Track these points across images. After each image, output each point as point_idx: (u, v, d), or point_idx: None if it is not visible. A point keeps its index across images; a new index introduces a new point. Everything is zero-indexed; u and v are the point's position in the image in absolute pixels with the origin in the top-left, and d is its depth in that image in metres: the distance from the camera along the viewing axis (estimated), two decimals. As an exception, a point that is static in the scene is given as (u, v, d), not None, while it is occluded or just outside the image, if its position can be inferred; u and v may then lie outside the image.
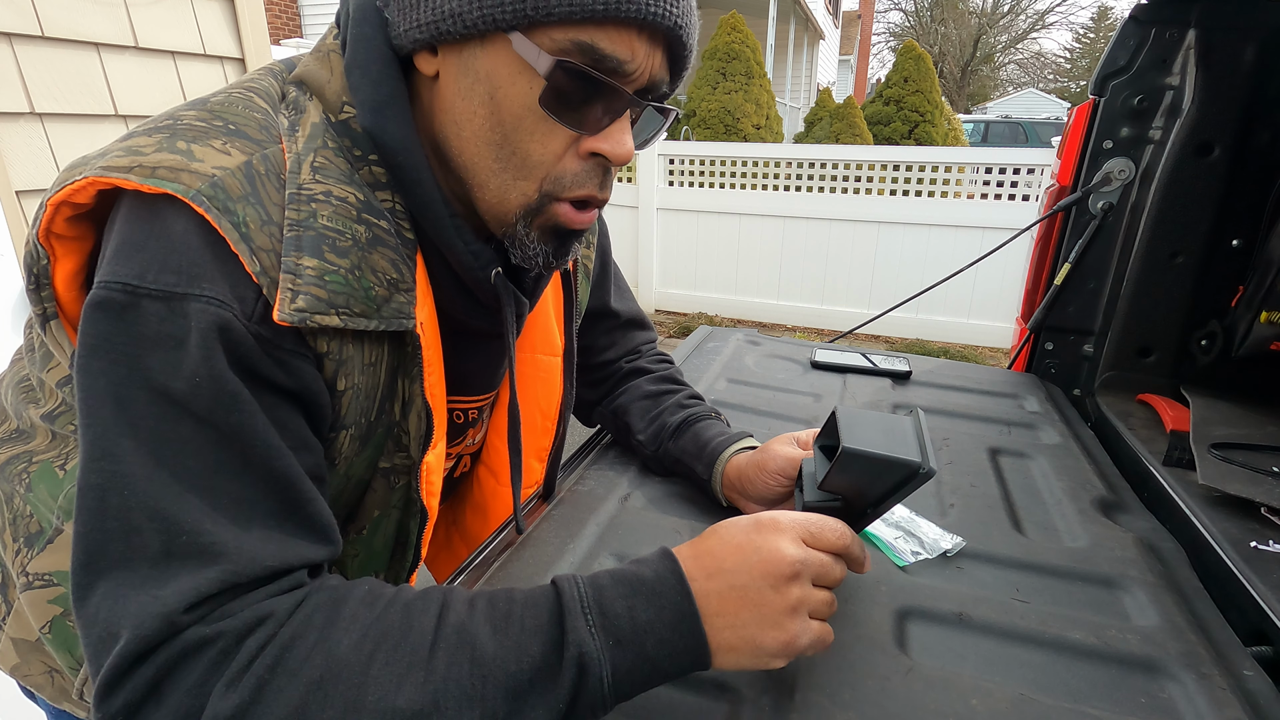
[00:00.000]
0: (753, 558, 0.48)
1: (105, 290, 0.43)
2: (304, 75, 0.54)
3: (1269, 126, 1.12)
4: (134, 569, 0.42)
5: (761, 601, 0.47)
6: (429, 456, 0.60)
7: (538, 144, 0.52)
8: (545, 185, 0.53)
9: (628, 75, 0.50)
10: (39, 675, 0.68)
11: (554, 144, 0.52)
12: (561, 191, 0.54)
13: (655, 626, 0.46)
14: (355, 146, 0.52)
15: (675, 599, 0.47)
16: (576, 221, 0.56)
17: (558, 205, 0.54)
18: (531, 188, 0.53)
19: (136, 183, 0.44)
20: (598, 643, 0.44)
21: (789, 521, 0.51)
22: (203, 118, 0.49)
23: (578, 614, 0.45)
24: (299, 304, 0.46)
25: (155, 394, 0.43)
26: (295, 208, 0.48)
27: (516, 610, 0.46)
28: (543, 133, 0.51)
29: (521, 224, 0.55)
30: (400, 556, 0.68)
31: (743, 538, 0.50)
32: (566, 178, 0.53)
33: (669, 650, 0.46)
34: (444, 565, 1.00)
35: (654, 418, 0.88)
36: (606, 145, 0.52)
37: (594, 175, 0.54)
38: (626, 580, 0.48)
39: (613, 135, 0.52)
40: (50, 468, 0.62)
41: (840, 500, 0.59)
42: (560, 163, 0.53)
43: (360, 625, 0.44)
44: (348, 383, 0.53)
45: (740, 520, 0.51)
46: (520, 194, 0.54)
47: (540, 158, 0.52)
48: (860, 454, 0.54)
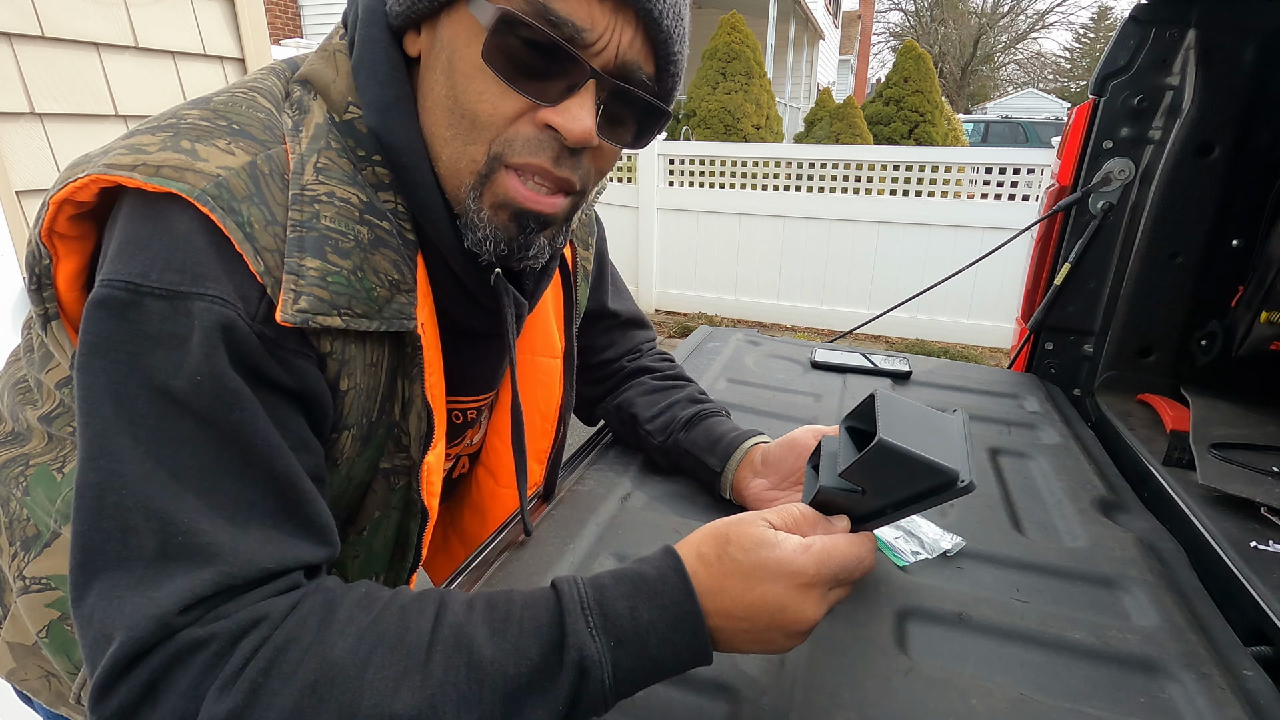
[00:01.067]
0: (776, 615, 0.46)
1: (108, 288, 0.43)
2: (309, 75, 0.54)
3: (1269, 126, 1.12)
4: (130, 569, 0.41)
5: (771, 643, 0.48)
6: (429, 457, 0.60)
7: (486, 104, 0.50)
8: (494, 147, 0.51)
9: (587, 45, 0.48)
10: (36, 680, 0.68)
11: (504, 106, 0.50)
12: (510, 155, 0.51)
13: (657, 626, 0.45)
14: (359, 147, 0.52)
15: (677, 597, 0.46)
16: (527, 199, 0.52)
17: (506, 175, 0.52)
18: (479, 151, 0.51)
19: (140, 181, 0.44)
20: (598, 644, 0.44)
21: (818, 572, 0.47)
22: (206, 117, 0.49)
23: (578, 615, 0.45)
24: (301, 305, 0.46)
25: (156, 392, 0.43)
26: (299, 208, 0.48)
27: (515, 612, 0.46)
28: (493, 94, 0.49)
29: (471, 196, 0.53)
30: (400, 557, 0.68)
31: (767, 589, 0.46)
32: (517, 141, 0.51)
33: (671, 649, 0.45)
34: (441, 566, 1.00)
35: (663, 409, 0.88)
36: (559, 118, 0.49)
37: (547, 147, 0.51)
38: (628, 579, 0.47)
39: (569, 109, 0.49)
40: (47, 470, 0.62)
41: (860, 493, 0.52)
42: (511, 126, 0.50)
43: (356, 628, 0.44)
44: (350, 383, 0.53)
45: (767, 561, 0.46)
46: (469, 159, 0.52)
47: (489, 118, 0.50)
48: (898, 451, 0.47)
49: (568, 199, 0.55)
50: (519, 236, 0.55)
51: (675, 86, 0.55)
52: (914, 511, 0.52)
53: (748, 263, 4.69)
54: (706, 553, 0.48)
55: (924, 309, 4.09)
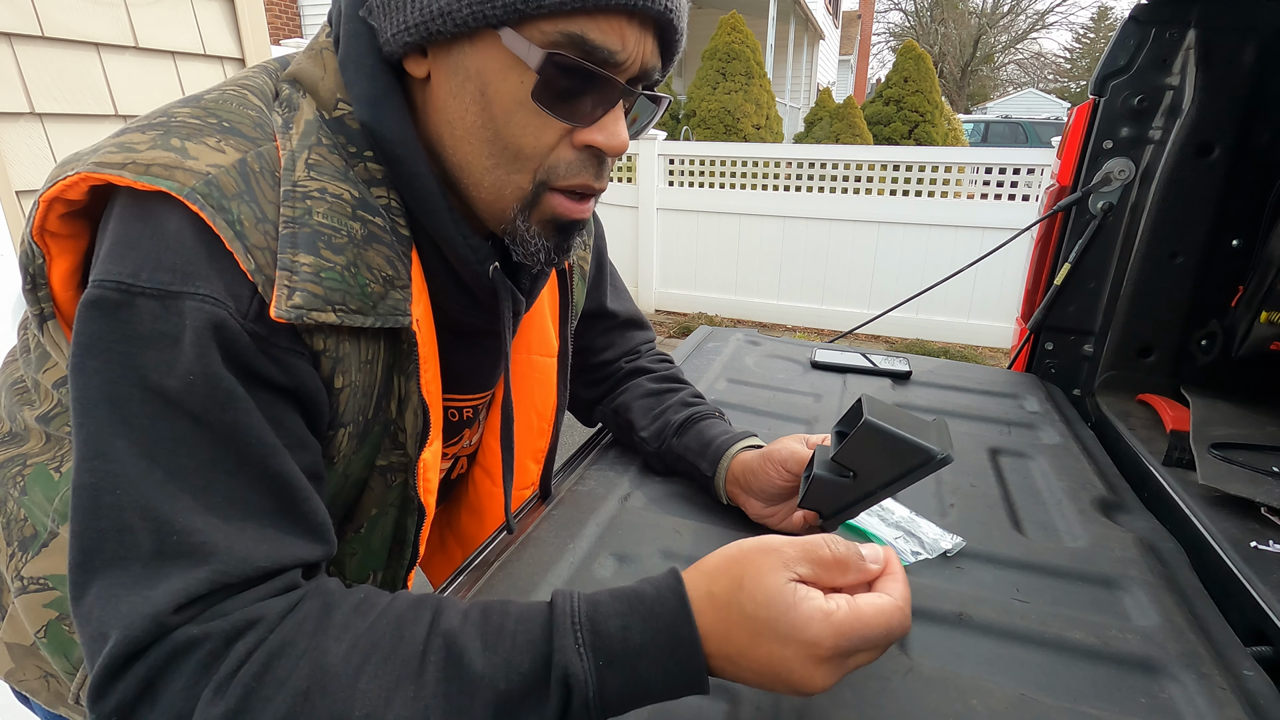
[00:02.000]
0: (781, 677, 0.43)
1: (100, 289, 0.43)
2: (297, 73, 0.54)
3: (1269, 126, 1.12)
4: (127, 568, 0.41)
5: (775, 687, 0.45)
6: (425, 454, 0.60)
7: (531, 137, 0.51)
8: (539, 175, 0.53)
9: (619, 65, 0.50)
10: (34, 680, 0.68)
11: (547, 136, 0.52)
12: (556, 181, 0.53)
13: (650, 649, 0.43)
14: (350, 143, 0.52)
15: (674, 622, 0.44)
16: (574, 212, 0.55)
17: (553, 196, 0.54)
18: (525, 180, 0.53)
19: (130, 179, 0.43)
20: (585, 663, 0.43)
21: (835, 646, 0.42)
22: (196, 115, 0.48)
23: (567, 631, 0.44)
24: (295, 300, 0.46)
25: (149, 392, 0.42)
26: (290, 205, 0.47)
27: (509, 625, 0.45)
28: (536, 126, 0.51)
29: (520, 218, 0.55)
30: (398, 555, 0.68)
31: (775, 651, 0.43)
32: (561, 167, 0.53)
33: (663, 673, 0.44)
34: (439, 567, 0.99)
35: (657, 415, 0.88)
36: (601, 136, 0.52)
37: (589, 165, 0.54)
38: (625, 598, 0.46)
39: (607, 126, 0.52)
40: (45, 470, 0.62)
41: (851, 476, 0.59)
42: (554, 153, 0.52)
43: (351, 635, 0.44)
44: (345, 380, 0.53)
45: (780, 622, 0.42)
46: (515, 187, 0.54)
47: (534, 150, 0.52)
48: (881, 430, 0.55)
49: (595, 199, 0.58)
50: (563, 243, 0.58)
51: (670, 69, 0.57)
52: (899, 489, 0.59)
53: (748, 263, 4.69)
54: (717, 592, 0.45)
55: (924, 309, 4.09)
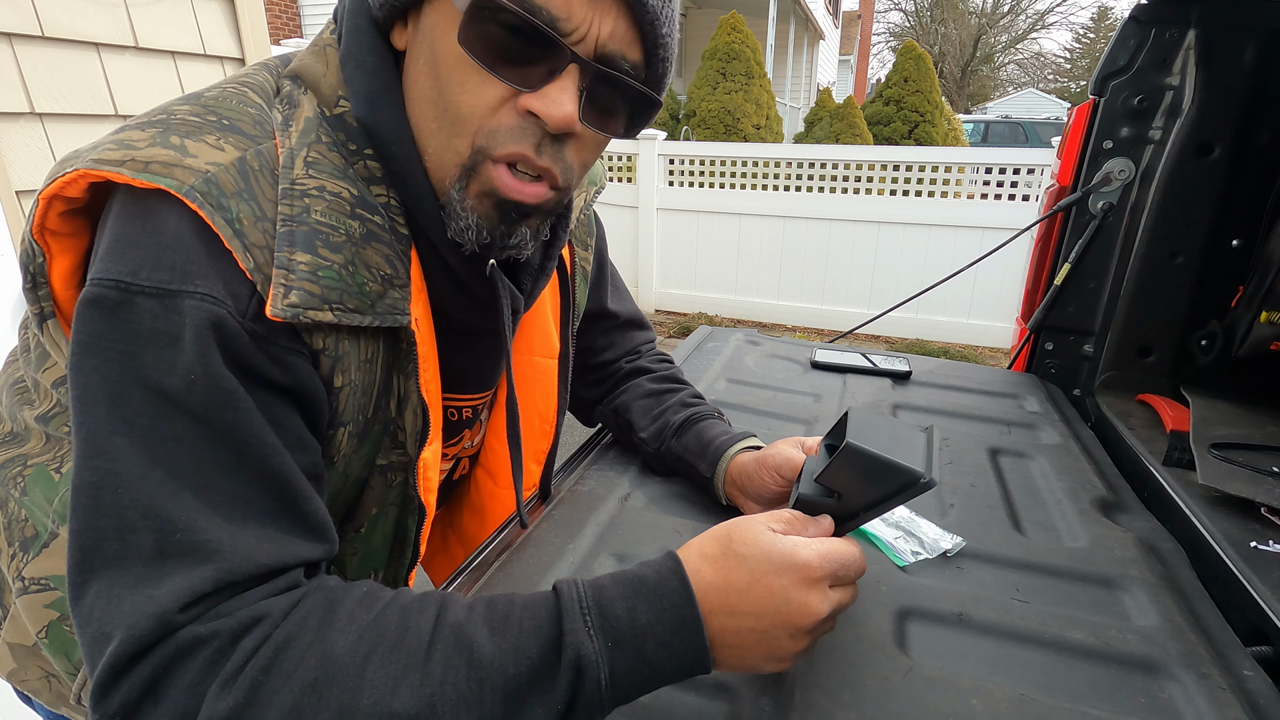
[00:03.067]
0: (782, 609, 0.46)
1: (99, 287, 0.42)
2: (299, 69, 0.54)
3: (1269, 126, 1.12)
4: (128, 568, 0.41)
5: (776, 644, 0.47)
6: (425, 453, 0.60)
7: (468, 95, 0.49)
8: (477, 140, 0.50)
9: (566, 33, 0.48)
10: (36, 680, 0.68)
11: (485, 95, 0.49)
12: (494, 148, 0.50)
13: (655, 629, 0.45)
14: (350, 140, 0.52)
15: (677, 601, 0.46)
16: (513, 190, 0.52)
17: (492, 167, 0.51)
18: (464, 144, 0.51)
19: (129, 177, 0.43)
20: (595, 644, 0.44)
21: (821, 565, 0.48)
22: (196, 113, 0.48)
23: (576, 615, 0.45)
24: (292, 299, 0.46)
25: (150, 391, 0.42)
26: (289, 203, 0.47)
27: (515, 612, 0.46)
28: (474, 83, 0.49)
29: (456, 188, 0.52)
30: (399, 554, 0.68)
31: (773, 582, 0.47)
32: (500, 133, 0.50)
33: (669, 653, 0.45)
34: (440, 567, 1.00)
35: (657, 415, 0.88)
36: (539, 103, 0.49)
37: (529, 135, 0.50)
38: (627, 581, 0.47)
39: (549, 94, 0.49)
40: (45, 471, 0.62)
41: (835, 497, 0.58)
42: (494, 116, 0.50)
43: (357, 626, 0.44)
44: (344, 379, 0.52)
45: (771, 553, 0.48)
46: (454, 152, 0.51)
47: (471, 109, 0.50)
48: (863, 453, 0.54)
49: (551, 192, 0.54)
50: (500, 225, 0.54)
51: (665, 74, 0.54)
52: (885, 511, 0.57)
53: (748, 263, 4.69)
54: (710, 551, 0.49)
55: (924, 309, 4.09)
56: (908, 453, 0.55)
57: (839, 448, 0.56)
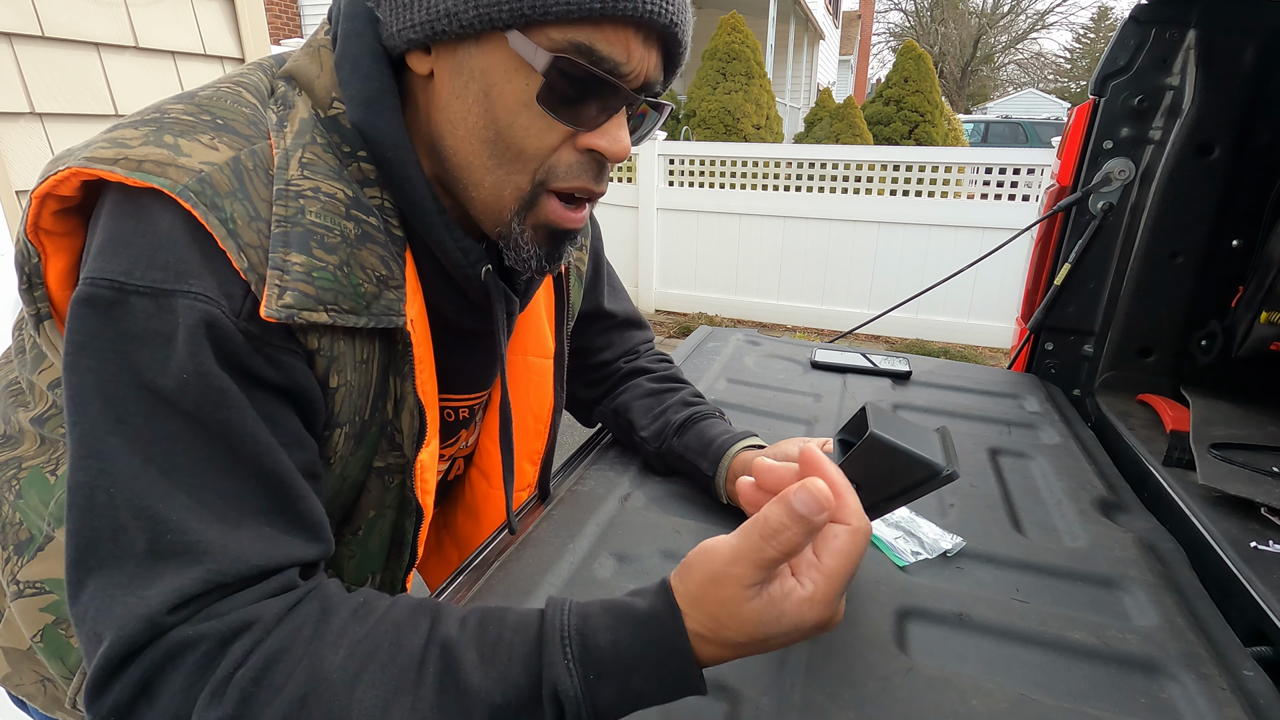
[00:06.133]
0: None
1: (92, 287, 0.42)
2: (293, 70, 0.54)
3: (1269, 126, 1.12)
4: (121, 568, 0.41)
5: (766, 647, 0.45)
6: (422, 455, 0.60)
7: (534, 139, 0.52)
8: (539, 176, 0.53)
9: (624, 75, 0.50)
10: (31, 685, 0.68)
11: (549, 139, 0.52)
12: (555, 181, 0.54)
13: (642, 662, 0.43)
14: (344, 142, 0.52)
15: (664, 634, 0.44)
16: (568, 221, 0.56)
17: (550, 200, 0.54)
18: (525, 180, 0.53)
19: (122, 175, 0.43)
20: (575, 679, 0.42)
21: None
22: (190, 112, 0.48)
23: (556, 646, 0.43)
24: (286, 300, 0.46)
25: (144, 391, 0.42)
26: (283, 203, 0.47)
27: (506, 636, 0.45)
28: (539, 129, 0.51)
29: (516, 221, 0.55)
30: (397, 557, 0.68)
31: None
32: (560, 169, 0.53)
33: (657, 684, 0.44)
34: (435, 568, 0.99)
35: (658, 414, 0.88)
36: (604, 142, 0.52)
37: (589, 169, 0.54)
38: (616, 611, 0.45)
39: (609, 132, 0.52)
40: (40, 474, 0.62)
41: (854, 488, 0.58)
42: (555, 155, 0.53)
43: (349, 641, 0.43)
44: (340, 380, 0.52)
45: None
46: (514, 188, 0.54)
47: (536, 151, 0.52)
48: (886, 443, 0.54)
49: (591, 205, 0.58)
50: (555, 251, 0.58)
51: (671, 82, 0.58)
52: (903, 503, 0.57)
53: (748, 263, 4.69)
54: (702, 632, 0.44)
55: (924, 309, 4.09)
56: (927, 446, 0.56)
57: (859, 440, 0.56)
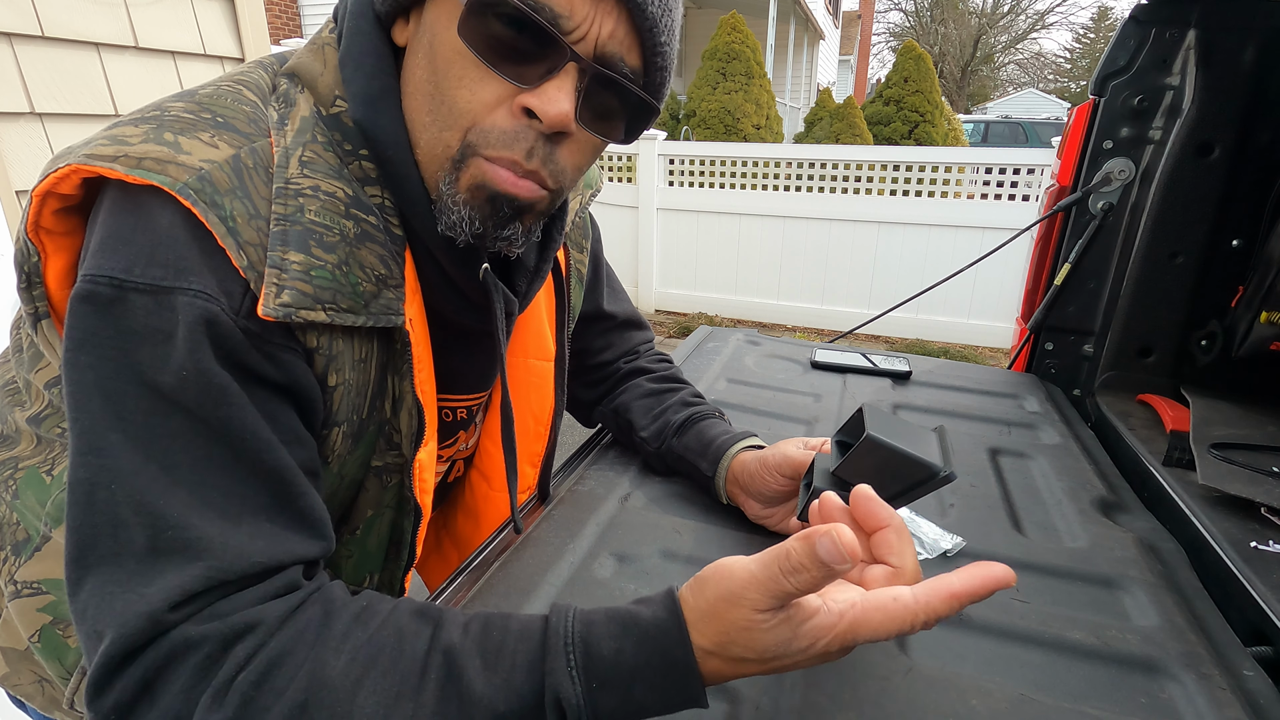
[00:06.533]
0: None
1: (92, 284, 0.42)
2: (296, 68, 0.54)
3: (1269, 126, 1.12)
4: (122, 564, 0.41)
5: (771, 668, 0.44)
6: (421, 454, 0.60)
7: (465, 90, 0.49)
8: (470, 135, 0.50)
9: (567, 31, 0.48)
10: (29, 685, 0.67)
11: (482, 92, 0.49)
12: (485, 146, 0.50)
13: (644, 672, 0.43)
14: (345, 140, 0.52)
15: (668, 645, 0.43)
16: (503, 182, 0.51)
17: (481, 160, 0.51)
18: (454, 137, 0.50)
19: (122, 173, 0.43)
20: (578, 687, 0.42)
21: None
22: (190, 109, 0.48)
23: (559, 654, 0.43)
24: (284, 299, 0.46)
25: (144, 387, 0.42)
26: (282, 202, 0.47)
27: (510, 643, 0.45)
28: (472, 79, 0.49)
29: (445, 181, 0.52)
30: (395, 557, 0.68)
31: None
32: (493, 133, 0.50)
33: (659, 695, 0.43)
34: (435, 569, 0.99)
35: (657, 415, 0.88)
36: (536, 100, 0.48)
37: (523, 139, 0.50)
38: (620, 619, 0.45)
39: (546, 91, 0.48)
40: (37, 473, 0.61)
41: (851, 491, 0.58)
42: (489, 115, 0.49)
43: (351, 646, 0.43)
44: (339, 378, 0.52)
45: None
46: (444, 145, 0.51)
47: (467, 104, 0.49)
48: (883, 445, 0.54)
49: (543, 191, 0.54)
50: (492, 217, 0.53)
51: (664, 82, 0.54)
52: (902, 504, 0.57)
53: (748, 263, 4.69)
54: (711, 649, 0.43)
55: (924, 309, 4.09)
56: (924, 448, 0.55)
57: (857, 441, 0.56)
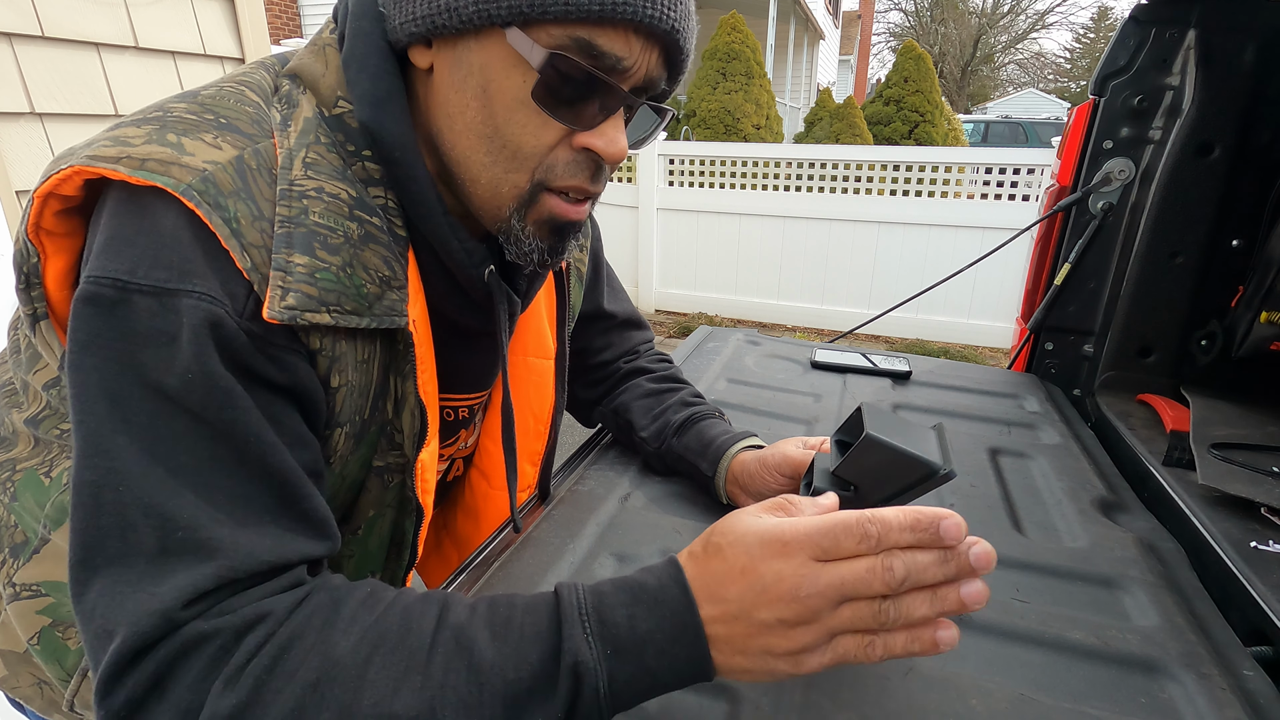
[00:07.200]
0: (755, 585, 0.43)
1: (96, 285, 0.42)
2: (298, 69, 0.54)
3: (1269, 126, 1.12)
4: (131, 565, 0.41)
5: (768, 635, 0.43)
6: (423, 454, 0.60)
7: (530, 136, 0.51)
8: (537, 175, 0.53)
9: (623, 74, 0.50)
10: (28, 687, 0.67)
11: (546, 136, 0.52)
12: (553, 181, 0.53)
13: (655, 637, 0.43)
14: (349, 141, 0.52)
15: (677, 609, 0.44)
16: (570, 213, 0.56)
17: (549, 197, 0.54)
18: (523, 179, 0.53)
19: (125, 174, 0.43)
20: (594, 652, 0.43)
21: (795, 536, 0.43)
22: (193, 110, 0.48)
23: (575, 621, 0.44)
24: (289, 301, 0.46)
25: (149, 390, 0.42)
26: (287, 204, 0.47)
27: (517, 616, 0.45)
28: (535, 126, 0.51)
29: (516, 217, 0.55)
30: (396, 557, 0.68)
31: (744, 560, 0.44)
32: (559, 168, 0.53)
33: (669, 661, 0.44)
34: (434, 569, 0.99)
35: (657, 415, 0.88)
36: (600, 142, 0.52)
37: (585, 167, 0.54)
38: (628, 588, 0.46)
39: (606, 132, 0.52)
40: (35, 475, 0.61)
41: (851, 490, 0.58)
42: (552, 154, 0.53)
43: (359, 627, 0.44)
44: (341, 380, 0.52)
45: (745, 535, 0.44)
46: (512, 185, 0.54)
47: (532, 149, 0.52)
48: (882, 444, 0.54)
49: (592, 202, 0.58)
50: (558, 244, 0.58)
51: (676, 87, 0.57)
52: (902, 503, 0.56)
53: (748, 263, 4.69)
54: (695, 547, 0.47)
55: (924, 309, 4.09)
56: (923, 446, 0.55)
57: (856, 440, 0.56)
